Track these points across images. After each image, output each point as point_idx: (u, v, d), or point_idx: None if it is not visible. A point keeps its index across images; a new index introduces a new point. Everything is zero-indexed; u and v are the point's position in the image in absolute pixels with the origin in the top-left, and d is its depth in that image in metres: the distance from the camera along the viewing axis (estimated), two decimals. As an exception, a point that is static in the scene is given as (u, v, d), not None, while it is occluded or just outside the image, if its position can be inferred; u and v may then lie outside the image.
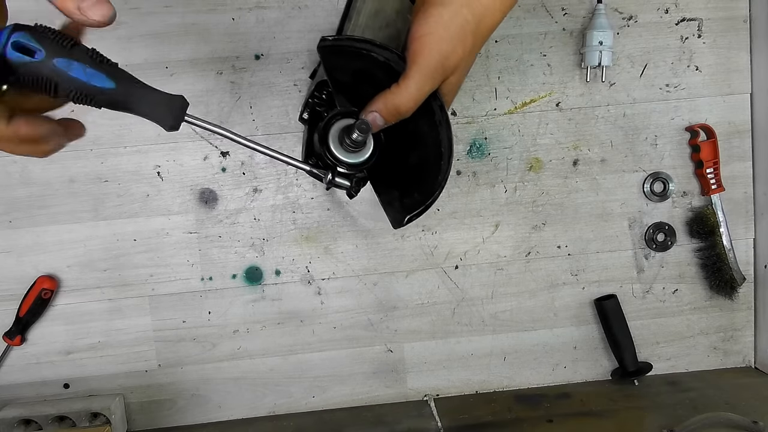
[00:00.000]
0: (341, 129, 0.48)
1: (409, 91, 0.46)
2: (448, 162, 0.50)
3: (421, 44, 0.45)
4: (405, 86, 0.46)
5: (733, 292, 0.88)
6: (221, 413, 0.87)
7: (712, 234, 0.87)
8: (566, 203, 0.87)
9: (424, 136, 0.50)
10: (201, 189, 0.83)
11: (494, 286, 0.88)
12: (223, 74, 0.82)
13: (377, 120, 0.47)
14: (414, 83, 0.45)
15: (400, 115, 0.47)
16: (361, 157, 0.49)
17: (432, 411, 0.84)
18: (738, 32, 0.86)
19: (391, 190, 0.52)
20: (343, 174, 0.49)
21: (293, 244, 0.85)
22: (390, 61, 0.48)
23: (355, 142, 0.47)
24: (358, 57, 0.48)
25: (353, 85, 0.49)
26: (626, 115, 0.86)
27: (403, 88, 0.46)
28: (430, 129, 0.50)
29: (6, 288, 0.82)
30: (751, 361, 0.92)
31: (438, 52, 0.45)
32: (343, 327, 0.87)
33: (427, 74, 0.45)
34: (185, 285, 0.84)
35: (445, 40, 0.45)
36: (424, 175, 0.51)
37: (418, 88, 0.46)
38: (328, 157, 0.48)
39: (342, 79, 0.49)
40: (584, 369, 0.90)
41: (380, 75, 0.48)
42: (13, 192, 0.81)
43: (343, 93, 0.49)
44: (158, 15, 0.80)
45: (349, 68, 0.49)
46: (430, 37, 0.45)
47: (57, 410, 0.80)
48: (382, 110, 0.47)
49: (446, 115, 0.49)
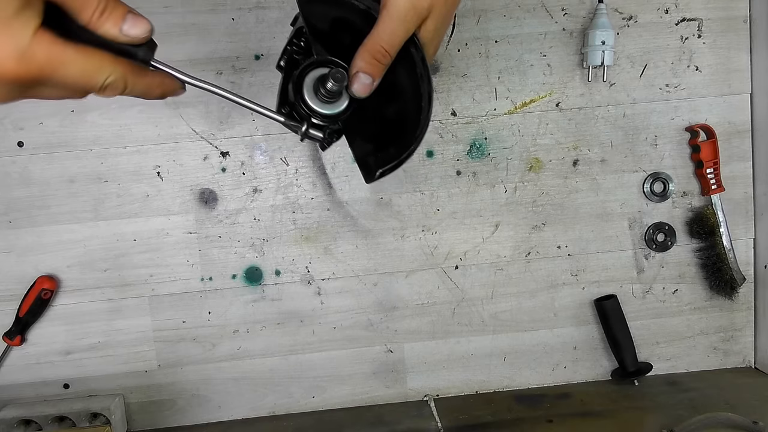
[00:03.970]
0: (316, 78, 0.47)
1: (382, 36, 0.45)
2: (427, 115, 0.49)
3: None
4: (377, 32, 0.45)
5: (733, 292, 0.88)
6: (221, 413, 0.87)
7: (712, 234, 0.87)
8: (566, 203, 0.87)
9: (404, 88, 0.49)
10: (201, 189, 0.83)
11: (494, 286, 0.88)
12: (223, 74, 0.82)
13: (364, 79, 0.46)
14: (386, 28, 0.45)
15: (380, 64, 0.46)
16: (337, 108, 0.47)
17: (432, 411, 0.84)
18: (738, 32, 0.86)
19: (366, 143, 0.50)
20: (317, 125, 0.48)
21: (293, 244, 0.85)
22: (370, 9, 0.47)
23: (330, 92, 0.46)
24: (337, 4, 0.47)
25: (332, 34, 0.48)
26: (626, 115, 0.86)
27: (376, 35, 0.45)
28: (411, 81, 0.48)
29: (6, 288, 0.82)
30: (751, 361, 0.92)
31: None
32: (343, 327, 0.87)
33: (398, 17, 0.44)
34: (185, 285, 0.84)
35: None
36: (401, 130, 0.49)
37: (391, 33, 0.45)
38: (302, 107, 0.47)
39: (320, 26, 0.48)
40: (584, 369, 0.90)
41: (360, 23, 0.47)
42: (13, 192, 0.81)
43: (321, 41, 0.48)
44: (158, 15, 0.80)
45: (327, 16, 0.48)
46: None
47: (57, 410, 0.80)
48: (364, 66, 0.46)
49: (428, 68, 0.48)
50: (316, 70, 0.47)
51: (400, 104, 0.49)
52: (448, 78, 0.84)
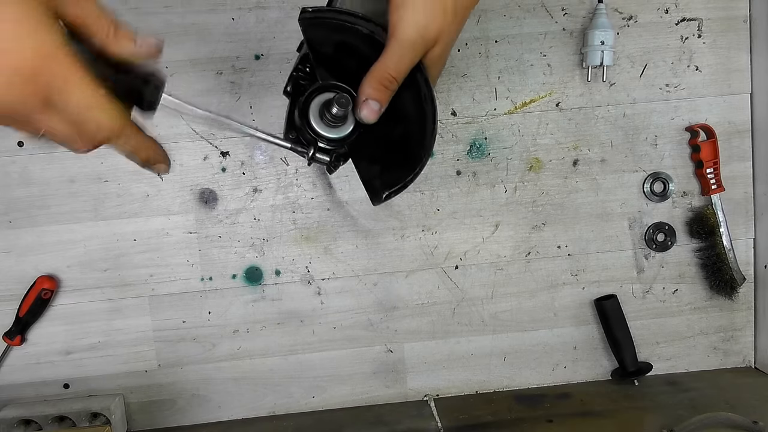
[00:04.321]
0: (322, 103, 0.47)
1: (390, 64, 0.45)
2: (432, 137, 0.49)
3: (399, 15, 0.44)
4: (385, 60, 0.45)
5: (733, 292, 0.88)
6: (221, 413, 0.87)
7: (712, 234, 0.87)
8: (566, 203, 0.87)
9: (408, 110, 0.49)
10: (201, 189, 0.83)
11: (494, 286, 0.88)
12: (223, 74, 0.82)
13: (373, 105, 0.46)
14: (394, 55, 0.45)
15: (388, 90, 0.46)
16: (343, 132, 0.48)
17: (432, 411, 0.84)
18: (738, 32, 0.86)
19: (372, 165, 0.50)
20: (323, 149, 0.48)
21: (293, 244, 0.85)
22: (374, 34, 0.47)
23: (335, 117, 0.47)
24: (340, 30, 0.48)
25: (336, 59, 0.48)
26: (626, 115, 0.86)
27: (384, 62, 0.45)
28: (415, 103, 0.49)
29: (6, 288, 0.82)
30: (751, 361, 0.92)
31: (415, 22, 0.44)
32: (343, 327, 0.87)
33: (407, 46, 0.45)
34: (185, 285, 0.84)
35: (422, 11, 0.44)
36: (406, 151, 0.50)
37: (398, 60, 0.45)
38: (308, 131, 0.47)
39: (324, 51, 0.48)
40: (584, 369, 0.90)
41: (364, 48, 0.48)
42: (13, 192, 0.81)
43: (326, 66, 0.48)
44: (158, 15, 0.80)
45: (331, 41, 0.48)
46: (407, 7, 0.44)
47: (57, 410, 0.80)
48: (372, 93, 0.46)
49: (431, 90, 0.49)
50: (321, 95, 0.47)
51: (405, 126, 0.50)
52: (448, 78, 0.84)
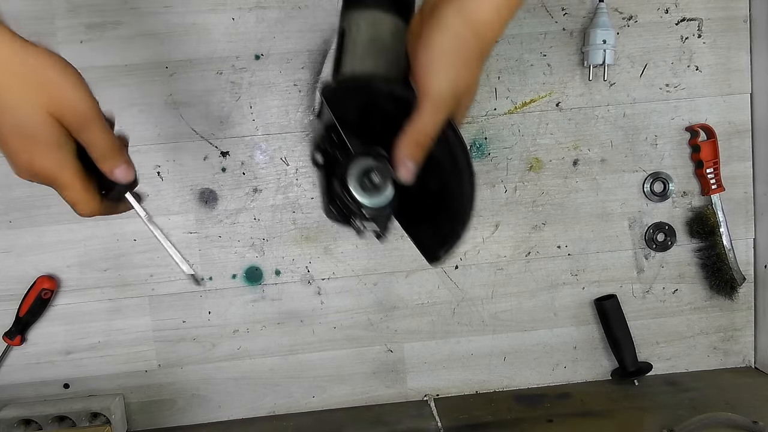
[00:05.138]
0: (360, 172, 0.47)
1: (426, 124, 0.45)
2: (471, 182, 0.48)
3: (429, 74, 0.44)
4: (420, 120, 0.45)
5: (733, 292, 0.88)
6: (221, 413, 0.87)
7: (712, 234, 0.87)
8: (566, 203, 0.87)
9: (440, 159, 0.48)
10: (201, 189, 0.83)
11: (494, 286, 0.88)
12: (223, 74, 0.82)
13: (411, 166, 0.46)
14: (429, 115, 0.45)
15: (424, 150, 0.46)
16: (384, 196, 0.47)
17: (432, 411, 0.84)
18: (738, 32, 0.86)
19: (419, 224, 0.50)
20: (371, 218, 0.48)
21: (293, 244, 0.85)
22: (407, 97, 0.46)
23: (375, 184, 0.47)
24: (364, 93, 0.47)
25: (361, 121, 0.48)
26: (626, 115, 0.86)
27: (419, 123, 0.45)
28: (445, 151, 0.48)
29: (6, 288, 0.82)
30: (751, 361, 0.92)
31: (446, 80, 0.44)
32: (343, 327, 0.87)
33: (441, 104, 0.44)
34: (185, 285, 0.84)
35: (451, 67, 0.44)
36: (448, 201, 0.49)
37: (434, 120, 0.45)
38: (352, 203, 0.47)
39: (350, 117, 0.48)
40: (584, 369, 0.90)
41: (390, 108, 0.47)
42: (13, 192, 0.81)
43: (353, 131, 0.48)
44: (158, 15, 0.80)
45: (355, 105, 0.48)
46: (436, 65, 0.44)
47: (57, 410, 0.80)
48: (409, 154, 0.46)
49: (460, 134, 0.48)
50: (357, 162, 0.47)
51: (440, 176, 0.49)
52: (448, 78, 0.84)
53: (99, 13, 0.79)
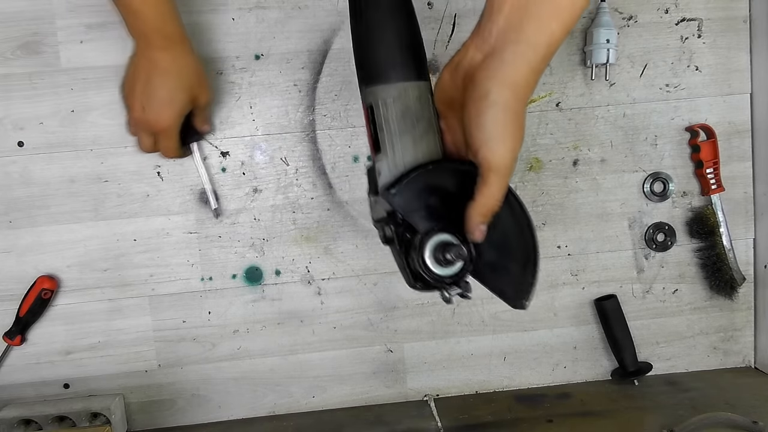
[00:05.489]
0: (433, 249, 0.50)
1: (495, 193, 0.48)
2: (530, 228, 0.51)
3: (490, 150, 0.46)
4: (489, 191, 0.48)
5: (733, 292, 0.88)
6: (221, 413, 0.87)
7: (712, 234, 0.87)
8: (566, 203, 0.87)
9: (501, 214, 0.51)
10: (201, 189, 0.83)
11: (494, 286, 0.88)
12: (223, 74, 0.82)
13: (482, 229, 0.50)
14: (496, 186, 0.48)
15: (494, 214, 0.50)
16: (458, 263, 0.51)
17: (432, 411, 0.84)
18: (738, 32, 0.86)
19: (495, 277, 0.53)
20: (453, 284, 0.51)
21: (293, 244, 0.85)
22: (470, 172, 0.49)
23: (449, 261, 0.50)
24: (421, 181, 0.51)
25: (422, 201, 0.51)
26: (626, 115, 0.86)
27: (488, 193, 0.48)
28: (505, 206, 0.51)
29: (6, 288, 0.82)
30: (751, 361, 0.92)
31: (507, 150, 0.46)
32: (343, 327, 0.87)
33: (505, 173, 0.47)
34: (185, 285, 0.84)
35: (510, 138, 0.46)
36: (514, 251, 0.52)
37: (501, 188, 0.48)
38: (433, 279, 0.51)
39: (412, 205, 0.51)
40: (584, 369, 0.90)
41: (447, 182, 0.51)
42: (13, 192, 0.81)
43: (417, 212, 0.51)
44: (158, 15, 0.80)
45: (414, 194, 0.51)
46: (496, 140, 0.46)
47: (57, 410, 0.80)
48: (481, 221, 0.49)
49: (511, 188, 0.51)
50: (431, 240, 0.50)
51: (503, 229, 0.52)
52: (448, 78, 0.84)
53: (99, 13, 0.79)
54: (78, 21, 0.79)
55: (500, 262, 0.52)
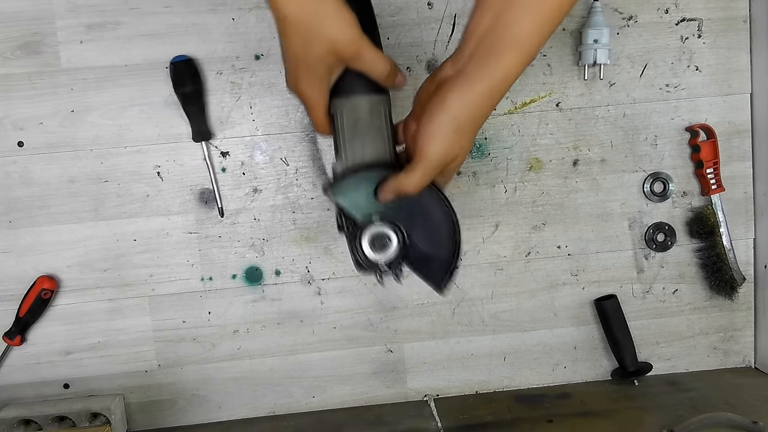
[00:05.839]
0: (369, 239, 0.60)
1: (415, 180, 0.55)
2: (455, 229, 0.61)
3: (426, 143, 0.54)
4: (412, 176, 0.55)
5: (733, 292, 0.88)
6: (221, 413, 0.87)
7: (712, 234, 0.87)
8: (566, 203, 0.87)
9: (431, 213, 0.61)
10: (201, 189, 0.83)
11: (494, 286, 0.88)
12: (223, 74, 0.82)
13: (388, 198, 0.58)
14: (419, 174, 0.55)
15: (405, 195, 0.57)
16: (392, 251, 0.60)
17: (432, 411, 0.84)
18: (738, 32, 0.86)
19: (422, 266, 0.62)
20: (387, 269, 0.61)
21: (293, 244, 0.85)
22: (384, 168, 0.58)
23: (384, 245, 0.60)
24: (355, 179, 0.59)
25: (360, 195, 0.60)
26: (626, 115, 0.86)
27: (410, 177, 0.55)
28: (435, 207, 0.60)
29: (6, 288, 0.82)
30: (751, 361, 0.92)
31: (439, 150, 0.54)
32: (343, 327, 0.87)
33: (431, 167, 0.55)
34: (185, 285, 0.84)
35: (446, 141, 0.53)
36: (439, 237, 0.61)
37: (422, 178, 0.55)
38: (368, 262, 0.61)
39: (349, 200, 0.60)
40: (584, 369, 0.90)
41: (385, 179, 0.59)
42: (13, 192, 0.81)
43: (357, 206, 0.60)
44: (158, 15, 0.80)
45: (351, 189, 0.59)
46: (434, 138, 0.53)
47: (57, 410, 0.80)
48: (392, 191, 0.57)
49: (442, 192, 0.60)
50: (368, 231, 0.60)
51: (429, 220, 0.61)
52: (448, 78, 0.84)
53: (99, 13, 0.79)
54: (78, 21, 0.79)
55: (429, 254, 0.62)
